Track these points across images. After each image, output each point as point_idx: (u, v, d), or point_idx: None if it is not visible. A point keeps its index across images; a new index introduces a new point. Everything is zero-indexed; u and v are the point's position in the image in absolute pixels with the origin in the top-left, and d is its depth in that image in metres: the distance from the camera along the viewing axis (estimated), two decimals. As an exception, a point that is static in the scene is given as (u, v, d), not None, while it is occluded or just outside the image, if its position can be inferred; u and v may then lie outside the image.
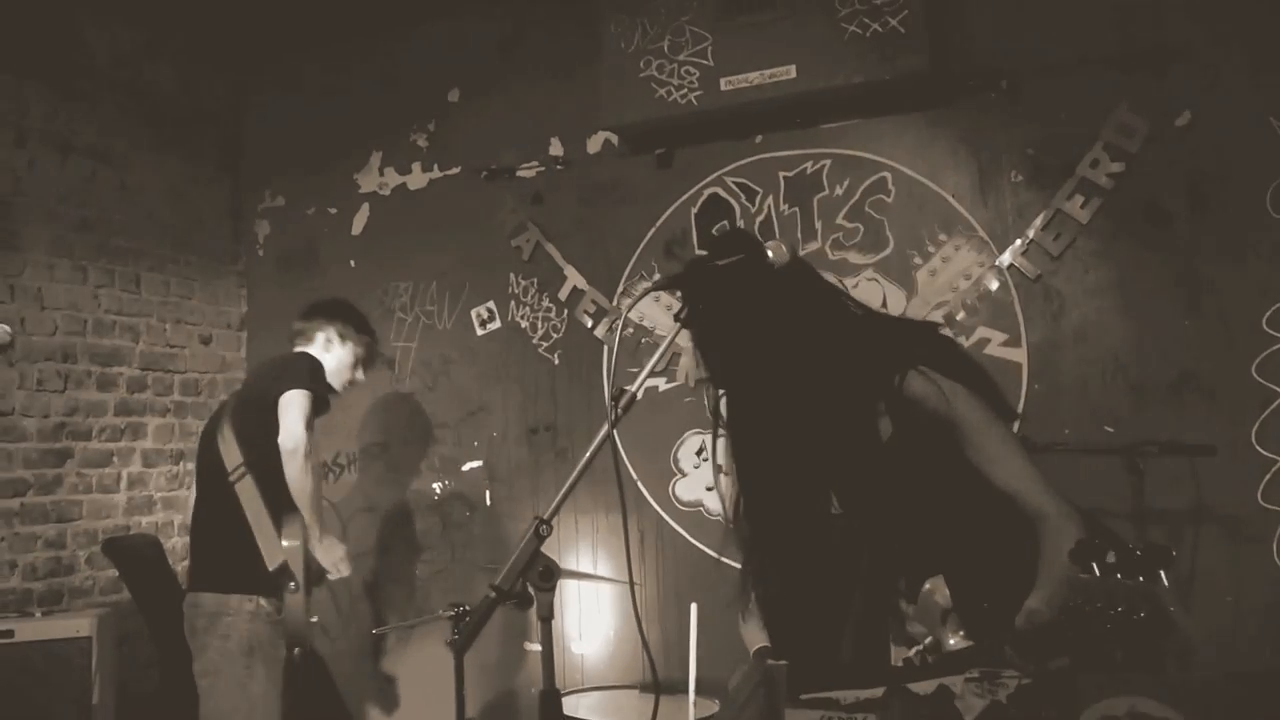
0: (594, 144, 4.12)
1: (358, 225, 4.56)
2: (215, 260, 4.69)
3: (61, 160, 4.05)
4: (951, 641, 1.62)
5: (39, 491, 3.87)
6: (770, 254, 1.84)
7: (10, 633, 3.29)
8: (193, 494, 3.44)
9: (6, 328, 2.46)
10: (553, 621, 1.70)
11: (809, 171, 3.78)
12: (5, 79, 3.85)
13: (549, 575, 1.69)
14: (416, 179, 4.46)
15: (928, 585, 1.67)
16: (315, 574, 3.19)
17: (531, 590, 1.68)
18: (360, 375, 3.53)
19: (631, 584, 2.00)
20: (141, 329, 4.33)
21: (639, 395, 1.80)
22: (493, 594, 1.66)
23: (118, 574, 3.85)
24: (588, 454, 1.77)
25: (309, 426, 3.04)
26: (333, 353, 3.41)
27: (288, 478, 3.00)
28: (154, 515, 4.31)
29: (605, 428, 1.78)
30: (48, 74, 3.99)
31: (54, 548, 3.92)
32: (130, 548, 3.78)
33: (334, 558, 3.19)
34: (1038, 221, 3.44)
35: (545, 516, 1.71)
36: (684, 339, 1.89)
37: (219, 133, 4.76)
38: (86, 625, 3.36)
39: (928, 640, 1.64)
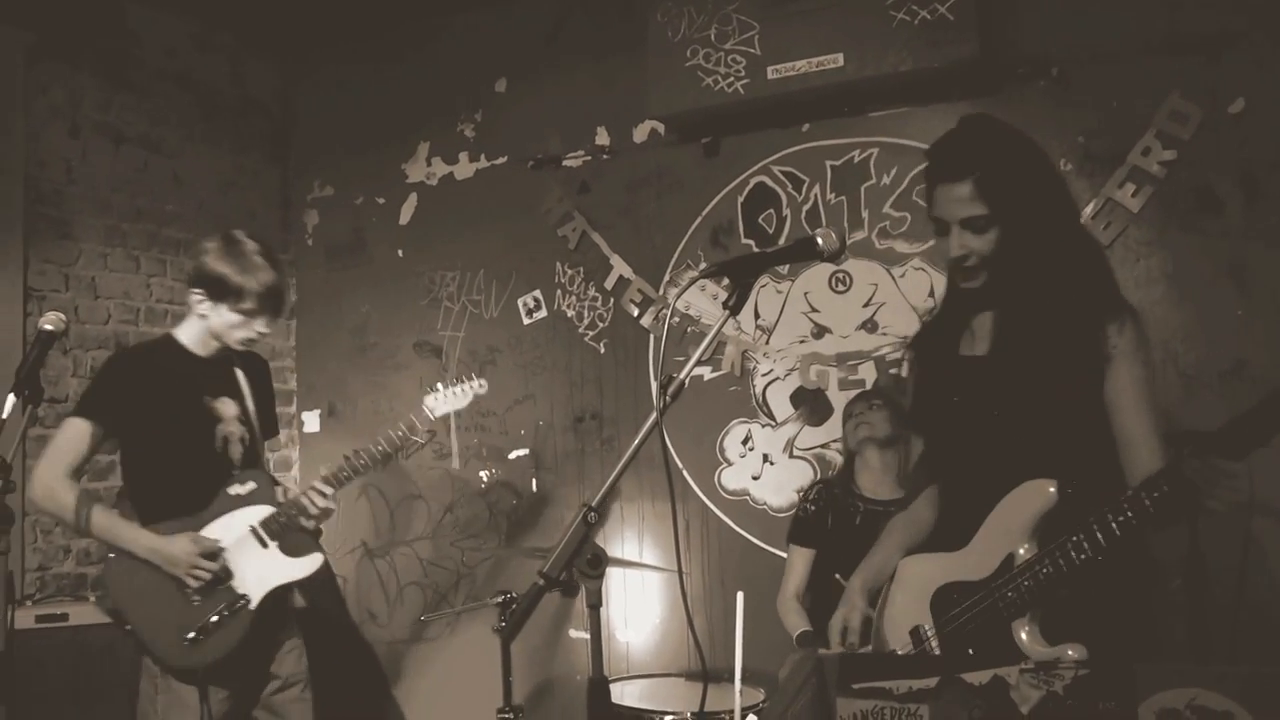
0: (640, 133, 4.12)
1: (405, 215, 4.59)
2: (265, 250, 4.75)
3: (114, 150, 4.12)
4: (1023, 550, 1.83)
5: (92, 478, 3.94)
6: (820, 241, 1.83)
7: (65, 616, 3.37)
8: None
9: (60, 315, 2.49)
10: (600, 609, 1.71)
11: (856, 160, 3.75)
12: (60, 70, 3.92)
13: (597, 563, 1.70)
14: (463, 169, 4.49)
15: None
16: None
17: (579, 578, 1.68)
18: (255, 329, 2.84)
19: (680, 573, 1.99)
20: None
21: (686, 382, 1.79)
22: (541, 581, 1.67)
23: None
24: (637, 440, 1.77)
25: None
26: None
27: None
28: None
29: (654, 415, 1.77)
30: (100, 65, 4.07)
31: (100, 537, 3.98)
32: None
33: None
34: (1088, 210, 3.38)
35: (593, 504, 1.71)
36: (730, 327, 1.92)
37: (268, 123, 4.81)
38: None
39: None
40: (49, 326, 2.47)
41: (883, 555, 2.18)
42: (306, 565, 2.91)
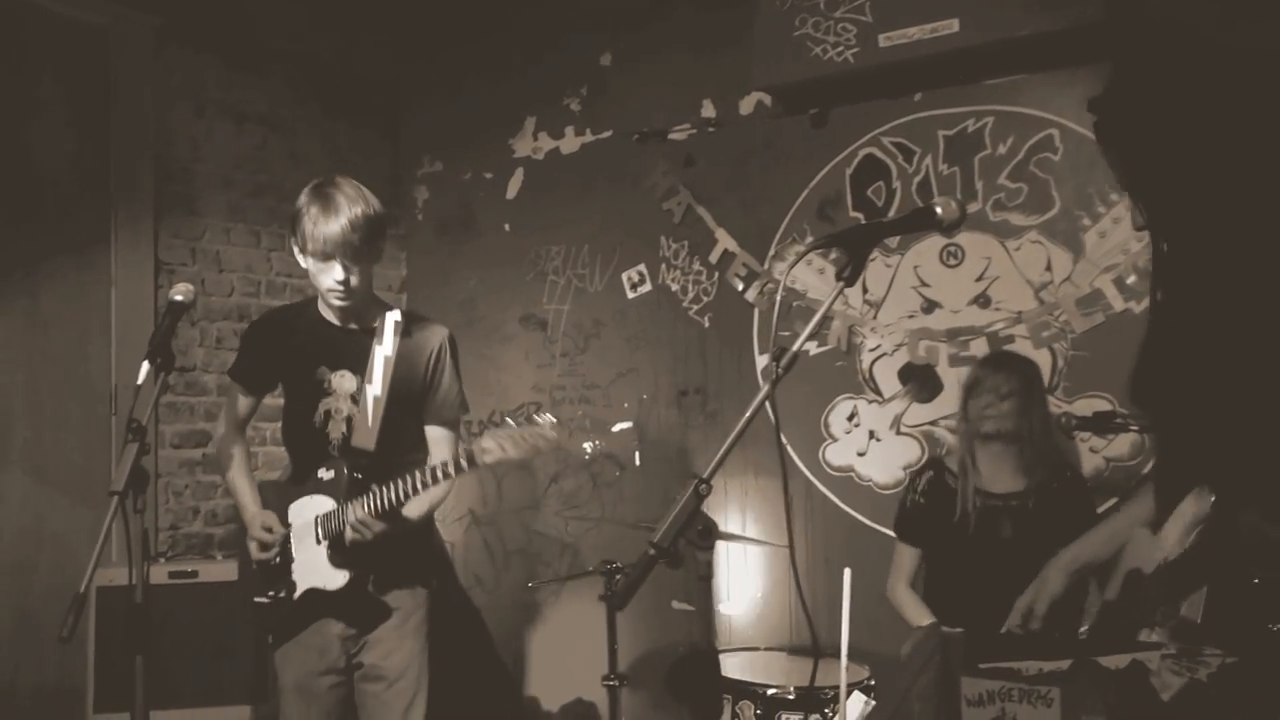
0: (746, 105, 4.06)
1: (512, 189, 4.63)
2: (377, 225, 4.84)
3: (236, 129, 4.24)
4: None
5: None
6: (939, 210, 1.77)
7: (195, 573, 3.51)
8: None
9: (189, 286, 2.56)
10: (710, 580, 1.70)
11: (970, 130, 3.62)
12: (185, 54, 4.04)
13: (708, 534, 1.69)
14: (569, 143, 4.49)
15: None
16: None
17: (689, 549, 1.67)
18: (332, 276, 2.62)
19: (792, 548, 1.95)
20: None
21: (799, 355, 1.76)
22: (652, 551, 1.66)
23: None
24: (749, 412, 1.75)
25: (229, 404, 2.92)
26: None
27: None
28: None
29: (766, 386, 1.74)
30: (222, 47, 4.18)
31: (230, 496, 4.13)
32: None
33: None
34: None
35: (705, 476, 1.69)
36: (838, 302, 1.84)
37: (380, 101, 4.89)
38: (261, 570, 3.53)
39: None
40: (179, 297, 2.54)
41: (1108, 530, 1.98)
42: (333, 579, 2.68)
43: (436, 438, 2.81)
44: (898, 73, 3.59)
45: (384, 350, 2.73)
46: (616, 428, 4.31)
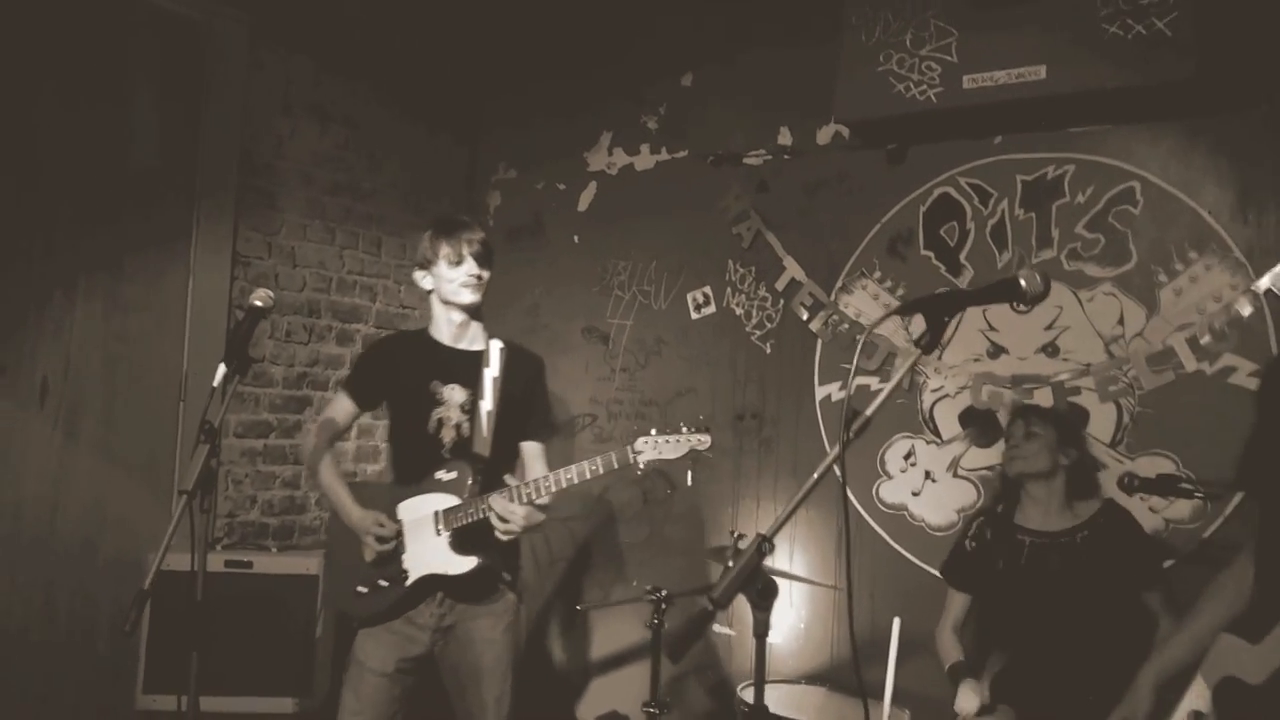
0: (824, 135, 4.04)
1: (584, 202, 4.65)
2: (448, 227, 4.89)
3: (321, 128, 4.31)
4: None
5: (280, 434, 4.17)
6: (1023, 283, 1.75)
7: (249, 564, 3.58)
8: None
9: (270, 293, 2.62)
10: (766, 639, 1.69)
11: (1049, 176, 3.57)
12: (278, 52, 4.12)
13: (767, 594, 1.69)
14: (644, 160, 4.50)
15: None
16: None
17: (750, 607, 1.67)
18: (467, 270, 2.95)
19: (850, 590, 1.95)
20: (379, 289, 4.57)
21: (871, 416, 1.75)
22: (709, 606, 1.67)
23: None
24: (815, 474, 1.74)
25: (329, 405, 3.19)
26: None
27: None
28: (379, 464, 4.58)
29: (836, 448, 1.73)
30: (313, 47, 4.25)
31: (289, 487, 4.22)
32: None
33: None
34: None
35: (768, 534, 1.69)
36: (901, 339, 1.83)
37: (460, 107, 4.94)
38: (315, 564, 3.59)
39: None
40: (259, 303, 2.60)
41: (1188, 638, 1.93)
42: (458, 564, 2.86)
43: (533, 451, 3.09)
44: (979, 114, 3.55)
45: (492, 371, 3.02)
46: (671, 447, 4.31)
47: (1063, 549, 3.06)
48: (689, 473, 4.26)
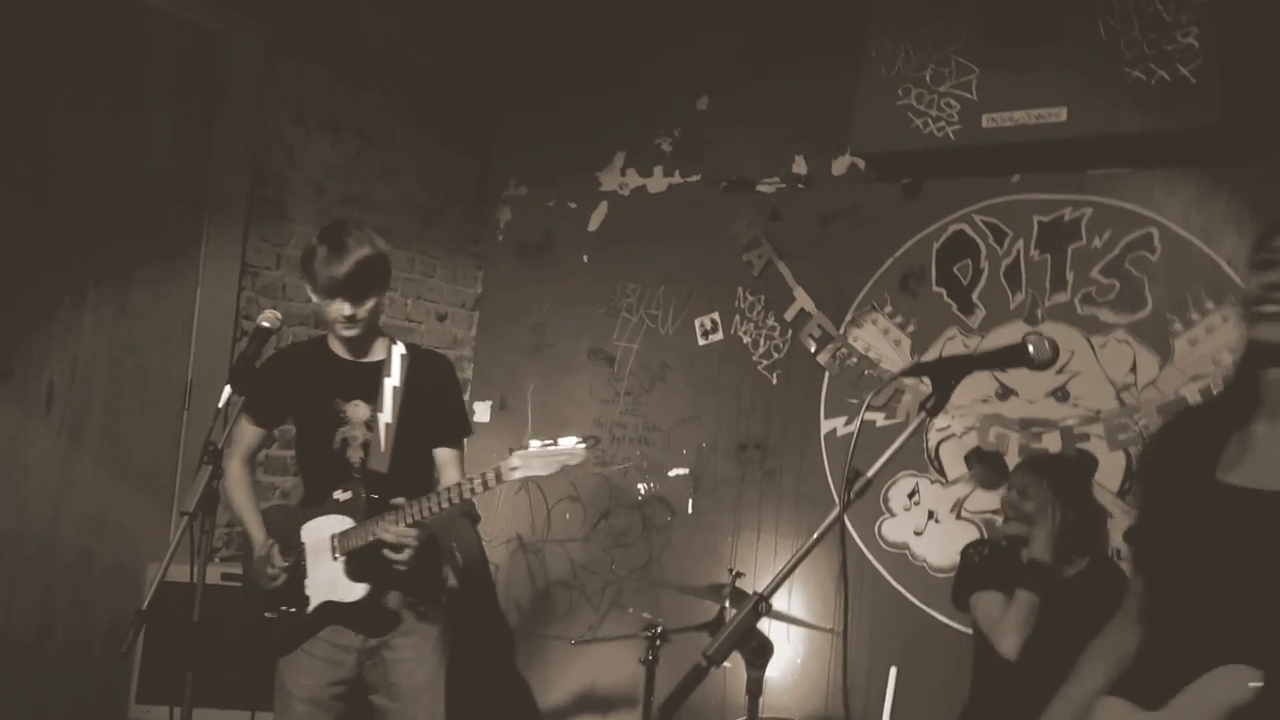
0: (839, 166, 4.04)
1: (594, 222, 4.66)
2: (457, 241, 4.91)
3: (333, 139, 4.32)
4: None
5: (281, 445, 4.17)
6: (1031, 349, 1.75)
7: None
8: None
9: (277, 314, 2.63)
10: (760, 698, 1.70)
11: (1066, 218, 3.57)
12: (292, 62, 4.13)
13: (762, 652, 1.69)
14: (656, 182, 4.51)
15: None
16: None
17: (743, 663, 1.68)
18: (340, 311, 2.81)
19: (845, 632, 1.95)
20: (386, 302, 4.57)
21: (872, 479, 1.75)
22: (704, 663, 1.67)
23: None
24: (815, 534, 1.75)
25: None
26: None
27: None
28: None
29: (837, 509, 1.74)
30: (328, 58, 4.26)
31: (288, 499, 4.22)
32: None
33: None
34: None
35: (765, 593, 1.70)
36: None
37: (474, 120, 4.94)
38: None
39: None
40: (266, 324, 2.60)
41: (1079, 694, 1.86)
42: (351, 591, 2.79)
43: (445, 458, 3.00)
44: (998, 153, 3.56)
45: (392, 381, 2.93)
46: (673, 473, 4.32)
47: (1061, 595, 3.05)
48: (690, 501, 4.28)
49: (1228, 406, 1.73)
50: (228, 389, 2.53)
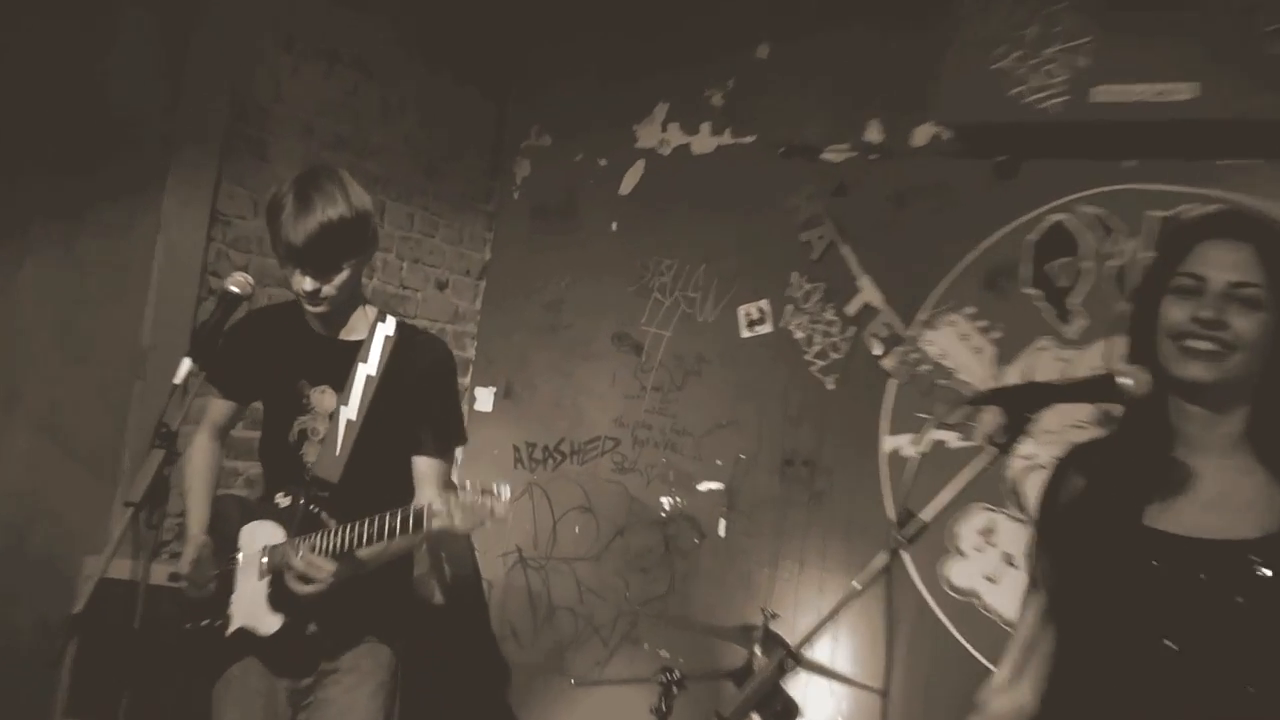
0: (920, 136, 4.06)
1: (628, 184, 4.71)
2: (465, 197, 4.97)
3: (327, 70, 4.38)
4: None
5: (247, 425, 4.23)
6: (1120, 383, 1.78)
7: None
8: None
9: (249, 279, 2.61)
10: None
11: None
12: (283, -25, 4.19)
13: (787, 715, 1.74)
14: (703, 141, 4.55)
15: None
16: None
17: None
18: (301, 285, 2.66)
19: (886, 692, 2.00)
20: (377, 264, 4.65)
21: (929, 524, 1.80)
22: (719, 722, 1.73)
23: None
24: (857, 583, 1.79)
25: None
26: None
27: None
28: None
29: (884, 555, 1.78)
30: (326, -27, 4.32)
31: (252, 486, 4.32)
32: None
33: None
34: None
35: (794, 648, 1.75)
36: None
37: (491, 57, 5.00)
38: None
39: None
40: (235, 289, 2.54)
41: None
42: (265, 622, 2.68)
43: (423, 471, 2.78)
44: (1110, 133, 3.57)
45: (367, 368, 2.75)
46: (703, 487, 4.37)
47: None
48: (722, 522, 4.33)
49: (1136, 438, 1.84)
50: (187, 361, 2.47)
